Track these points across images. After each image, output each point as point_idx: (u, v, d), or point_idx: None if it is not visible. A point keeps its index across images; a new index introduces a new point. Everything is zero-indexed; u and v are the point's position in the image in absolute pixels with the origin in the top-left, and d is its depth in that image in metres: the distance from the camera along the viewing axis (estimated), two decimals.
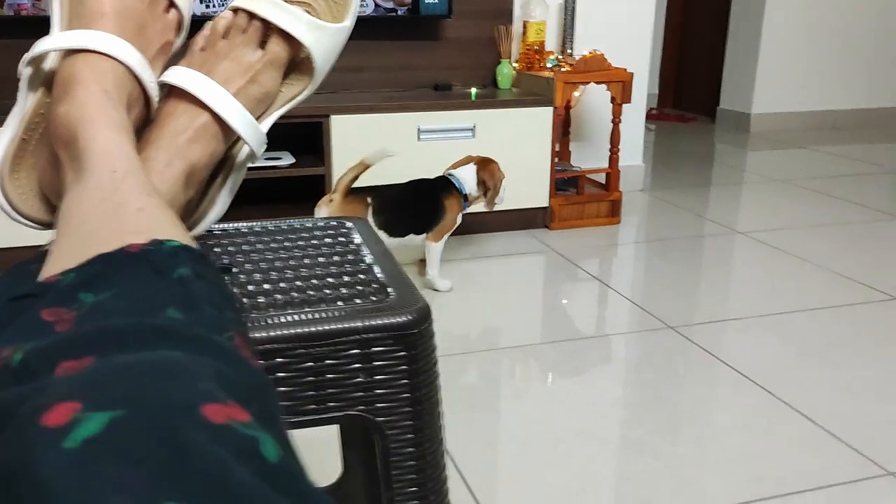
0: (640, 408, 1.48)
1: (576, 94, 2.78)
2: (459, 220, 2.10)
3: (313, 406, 0.54)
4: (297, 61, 0.69)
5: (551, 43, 2.77)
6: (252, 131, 0.64)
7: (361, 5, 2.33)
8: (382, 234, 1.90)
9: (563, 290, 2.09)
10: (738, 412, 1.46)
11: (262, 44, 0.66)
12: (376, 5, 2.34)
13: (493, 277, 2.17)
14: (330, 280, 0.62)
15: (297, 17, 0.65)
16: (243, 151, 0.66)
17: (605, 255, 2.35)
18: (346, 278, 0.62)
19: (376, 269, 0.64)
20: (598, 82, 2.43)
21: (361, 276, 0.62)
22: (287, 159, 2.30)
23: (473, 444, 1.36)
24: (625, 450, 1.34)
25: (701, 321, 1.86)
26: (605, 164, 2.70)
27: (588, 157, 2.95)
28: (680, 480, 1.25)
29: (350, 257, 0.67)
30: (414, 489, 0.58)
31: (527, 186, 2.48)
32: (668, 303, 1.97)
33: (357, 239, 0.71)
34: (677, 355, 1.68)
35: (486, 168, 2.11)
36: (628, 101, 2.47)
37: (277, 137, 2.53)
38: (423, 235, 2.03)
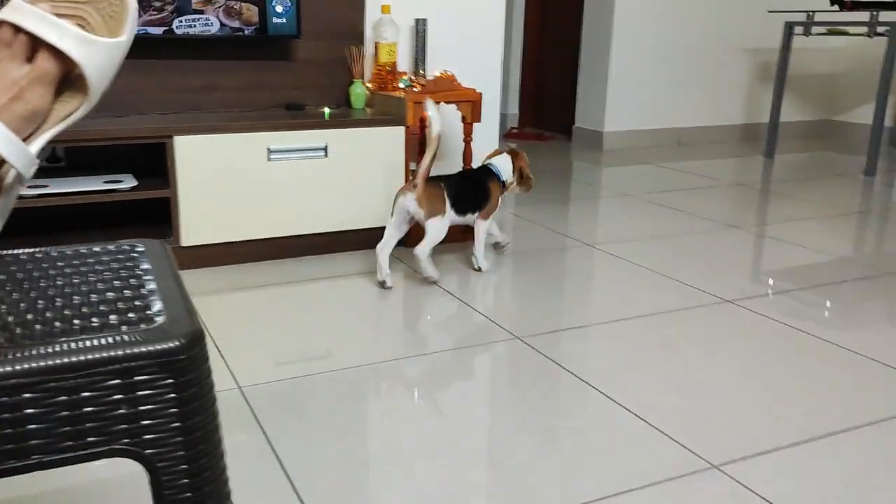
0: (485, 418, 1.50)
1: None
2: (501, 202, 2.40)
3: (70, 442, 0.51)
4: (71, 78, 0.66)
5: (405, 64, 2.81)
6: (16, 151, 0.60)
7: (206, 24, 2.27)
8: (452, 212, 2.25)
9: (418, 306, 2.11)
10: (578, 416, 1.51)
11: (31, 59, 0.63)
12: (221, 24, 2.29)
13: (348, 296, 2.16)
14: (102, 308, 0.59)
15: (65, 31, 0.62)
16: (10, 174, 0.62)
17: (460, 271, 2.38)
18: (119, 305, 0.59)
19: (155, 297, 0.61)
20: (447, 102, 2.48)
21: (137, 304, 0.60)
22: (129, 182, 2.20)
23: (318, 467, 1.33)
24: (468, 460, 1.35)
25: (547, 331, 1.92)
26: None
27: None
28: (520, 486, 1.27)
29: (132, 282, 0.64)
30: None
31: (383, 205, 2.49)
32: (517, 314, 2.02)
33: (144, 265, 0.68)
34: (523, 365, 1.73)
35: (519, 157, 2.42)
36: (478, 120, 2.53)
37: (118, 160, 2.43)
38: (476, 214, 2.33)
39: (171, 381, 0.53)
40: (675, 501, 1.25)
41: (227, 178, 2.27)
